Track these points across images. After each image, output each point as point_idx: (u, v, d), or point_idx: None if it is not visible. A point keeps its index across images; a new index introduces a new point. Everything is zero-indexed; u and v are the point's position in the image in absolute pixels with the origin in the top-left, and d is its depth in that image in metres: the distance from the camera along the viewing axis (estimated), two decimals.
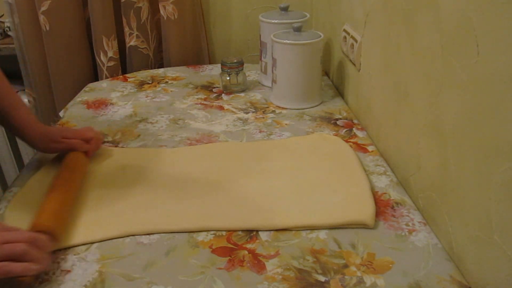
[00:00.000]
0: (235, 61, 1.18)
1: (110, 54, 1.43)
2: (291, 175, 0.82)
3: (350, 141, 0.95)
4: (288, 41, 1.05)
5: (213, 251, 0.66)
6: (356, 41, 1.03)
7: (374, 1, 0.92)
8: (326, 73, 1.33)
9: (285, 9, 1.20)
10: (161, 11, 1.41)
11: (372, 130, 0.97)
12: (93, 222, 0.72)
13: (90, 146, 0.87)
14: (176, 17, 1.42)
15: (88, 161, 0.86)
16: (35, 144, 0.85)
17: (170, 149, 0.93)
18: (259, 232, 0.69)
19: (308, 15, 1.19)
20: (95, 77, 1.52)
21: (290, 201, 0.75)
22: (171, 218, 0.72)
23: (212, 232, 0.70)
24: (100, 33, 1.40)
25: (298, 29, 1.07)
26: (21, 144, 1.13)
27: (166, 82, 1.29)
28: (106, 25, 1.40)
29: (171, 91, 1.23)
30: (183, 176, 0.83)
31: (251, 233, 0.69)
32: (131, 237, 0.69)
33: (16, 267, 0.55)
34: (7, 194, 0.80)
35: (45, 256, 0.60)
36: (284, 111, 1.09)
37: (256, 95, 1.19)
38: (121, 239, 0.69)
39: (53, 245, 0.65)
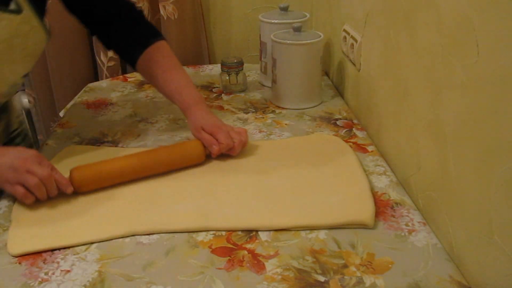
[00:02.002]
0: (235, 61, 1.18)
1: (110, 54, 1.43)
2: (291, 175, 0.82)
3: (350, 141, 0.95)
4: (288, 41, 1.05)
5: (213, 251, 0.66)
6: (356, 41, 1.03)
7: (374, 1, 0.92)
8: (326, 73, 1.33)
9: (285, 9, 1.20)
10: (161, 11, 1.41)
11: (372, 130, 0.97)
12: (93, 222, 0.72)
13: (216, 148, 0.84)
14: (176, 17, 1.42)
15: (199, 155, 0.85)
16: (189, 127, 0.92)
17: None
18: (259, 232, 0.69)
19: (308, 15, 1.19)
20: (95, 77, 1.52)
21: (290, 201, 0.75)
22: (171, 218, 0.72)
23: (211, 232, 0.70)
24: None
25: (298, 29, 1.07)
26: None
27: None
28: None
29: None
30: (183, 176, 0.83)
31: (251, 233, 0.69)
32: (131, 237, 0.69)
33: (19, 193, 0.72)
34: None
35: (49, 193, 0.74)
36: (284, 111, 1.09)
37: (256, 95, 1.19)
38: (120, 239, 0.69)
39: (68, 190, 0.75)
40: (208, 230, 0.70)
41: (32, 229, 0.70)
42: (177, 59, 0.97)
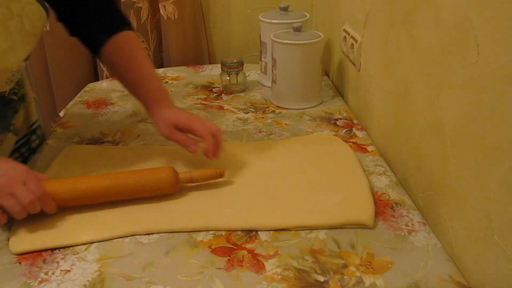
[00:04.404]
0: (235, 61, 1.18)
1: None
2: (290, 175, 0.82)
3: (350, 141, 0.95)
4: (288, 41, 1.05)
5: (213, 251, 0.66)
6: (356, 41, 1.03)
7: (374, 1, 0.92)
8: (326, 73, 1.33)
9: (285, 9, 1.20)
10: (161, 11, 1.41)
11: (372, 130, 0.97)
12: (93, 222, 0.72)
13: (207, 146, 0.78)
14: (176, 17, 1.42)
15: (172, 182, 0.75)
16: (156, 126, 0.84)
17: (169, 147, 0.93)
18: (259, 232, 0.69)
19: (308, 15, 1.19)
20: (95, 77, 1.52)
21: (290, 201, 0.75)
22: (171, 218, 0.72)
23: (211, 232, 0.70)
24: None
25: (298, 29, 1.07)
26: None
27: (166, 82, 1.29)
28: None
29: (171, 91, 1.23)
30: None
31: (251, 233, 0.69)
32: (131, 236, 0.69)
33: None
34: None
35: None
36: (284, 111, 1.09)
37: (256, 95, 1.19)
38: (120, 239, 0.69)
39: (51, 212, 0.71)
40: (208, 230, 0.70)
41: (34, 228, 0.70)
42: (144, 51, 0.91)
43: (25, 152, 0.96)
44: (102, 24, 0.88)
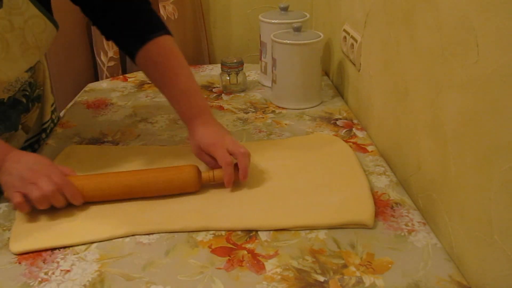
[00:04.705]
0: (235, 61, 1.18)
1: (110, 54, 1.43)
2: (290, 175, 0.82)
3: (350, 141, 0.95)
4: (288, 41, 1.05)
5: (213, 251, 0.66)
6: (356, 41, 1.03)
7: (374, 1, 0.92)
8: (326, 73, 1.33)
9: (285, 9, 1.20)
10: (161, 11, 1.41)
11: (372, 130, 0.97)
12: (93, 222, 0.72)
13: (223, 176, 0.76)
14: (176, 17, 1.42)
15: (196, 182, 0.76)
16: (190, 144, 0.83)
17: (169, 147, 0.93)
18: (259, 232, 0.69)
19: (308, 15, 1.19)
20: (95, 77, 1.52)
21: (290, 201, 0.75)
22: (171, 218, 0.72)
23: (211, 232, 0.70)
24: (101, 33, 1.40)
25: (298, 29, 1.07)
26: None
27: None
28: None
29: None
30: None
31: (251, 233, 0.69)
32: (131, 236, 0.69)
33: (15, 200, 0.69)
34: None
35: (55, 205, 0.71)
36: (284, 111, 1.09)
37: (256, 95, 1.19)
38: (120, 239, 0.69)
39: (77, 203, 0.73)
40: (208, 230, 0.70)
41: (34, 228, 0.70)
42: (179, 57, 0.86)
43: (37, 148, 0.98)
44: (134, 30, 0.85)
